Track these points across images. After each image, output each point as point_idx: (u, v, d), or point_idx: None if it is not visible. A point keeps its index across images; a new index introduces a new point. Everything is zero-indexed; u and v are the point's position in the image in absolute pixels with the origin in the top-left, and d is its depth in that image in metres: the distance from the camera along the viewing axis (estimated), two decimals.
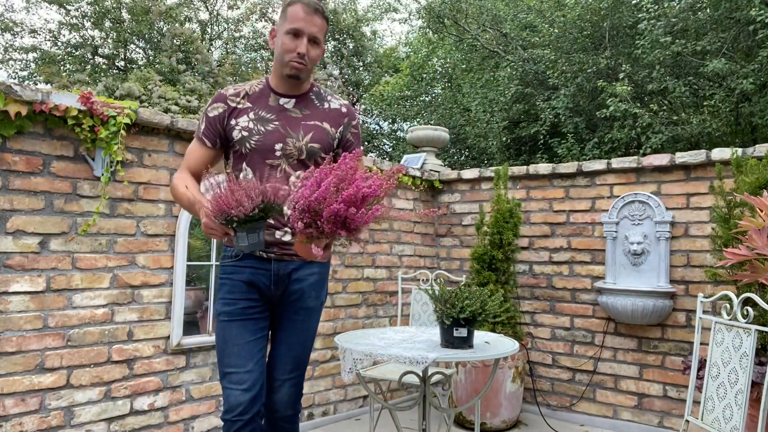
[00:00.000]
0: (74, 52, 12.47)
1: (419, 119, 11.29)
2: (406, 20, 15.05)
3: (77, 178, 2.65)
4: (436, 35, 11.58)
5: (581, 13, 7.86)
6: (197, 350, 3.09)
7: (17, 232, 2.47)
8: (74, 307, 2.64)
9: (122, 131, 2.68)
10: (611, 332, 3.84)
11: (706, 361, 2.37)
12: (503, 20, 9.60)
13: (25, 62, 12.71)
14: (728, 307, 2.26)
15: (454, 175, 4.62)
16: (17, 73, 12.64)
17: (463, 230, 4.59)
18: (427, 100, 11.88)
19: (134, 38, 12.22)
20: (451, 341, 2.12)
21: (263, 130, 1.88)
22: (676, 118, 7.35)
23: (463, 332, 2.10)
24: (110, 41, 12.30)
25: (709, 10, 6.90)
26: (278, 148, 1.87)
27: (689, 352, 3.50)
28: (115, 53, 12.51)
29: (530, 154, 8.79)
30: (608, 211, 3.81)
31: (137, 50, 12.88)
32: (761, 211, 2.23)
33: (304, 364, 2.00)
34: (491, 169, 4.40)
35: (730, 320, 2.23)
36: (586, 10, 7.83)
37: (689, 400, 2.43)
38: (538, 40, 8.59)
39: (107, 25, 11.92)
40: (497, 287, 3.80)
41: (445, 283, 2.88)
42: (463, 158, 10.89)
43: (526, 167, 4.23)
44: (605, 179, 3.93)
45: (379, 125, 13.38)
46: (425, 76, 11.94)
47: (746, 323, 2.13)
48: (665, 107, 8.10)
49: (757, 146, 3.32)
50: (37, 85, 9.99)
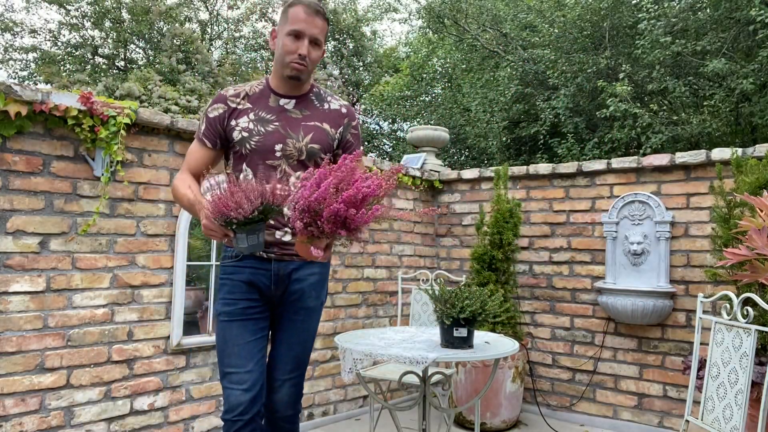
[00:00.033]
0: (74, 52, 12.47)
1: (419, 119, 11.29)
2: (406, 20, 15.05)
3: (77, 178, 2.65)
4: (436, 35, 11.57)
5: (581, 13, 7.86)
6: (197, 350, 3.09)
7: (17, 232, 2.47)
8: (74, 307, 2.64)
9: (122, 131, 2.68)
10: (611, 332, 3.84)
11: (706, 361, 2.37)
12: (503, 20, 9.60)
13: (25, 62, 12.71)
14: (728, 307, 2.26)
15: (454, 175, 4.62)
16: (17, 73, 12.65)
17: (463, 230, 4.59)
18: (427, 100, 11.88)
19: (134, 38, 12.22)
20: (451, 341, 2.12)
21: (263, 130, 1.88)
22: (676, 118, 7.35)
23: (463, 332, 2.10)
24: (110, 41, 12.30)
25: (709, 10, 6.90)
26: (278, 148, 1.88)
27: (689, 352, 3.50)
28: (115, 53, 12.51)
29: (530, 154, 8.79)
30: (608, 211, 3.81)
31: (137, 50, 12.88)
32: (761, 211, 2.23)
33: (304, 364, 2.00)
34: (491, 169, 4.40)
35: (730, 320, 2.23)
36: (586, 10, 7.82)
37: (689, 400, 2.43)
38: (538, 40, 8.59)
39: (107, 25, 11.92)
40: (497, 287, 3.81)
41: (445, 283, 2.88)
42: (463, 158, 10.89)
43: (526, 167, 4.23)
44: (605, 179, 3.93)
45: (379, 125, 13.38)
46: (425, 76, 11.94)
47: (746, 323, 2.13)
48: (665, 107, 8.10)
49: (757, 146, 3.32)
50: (37, 85, 9.99)
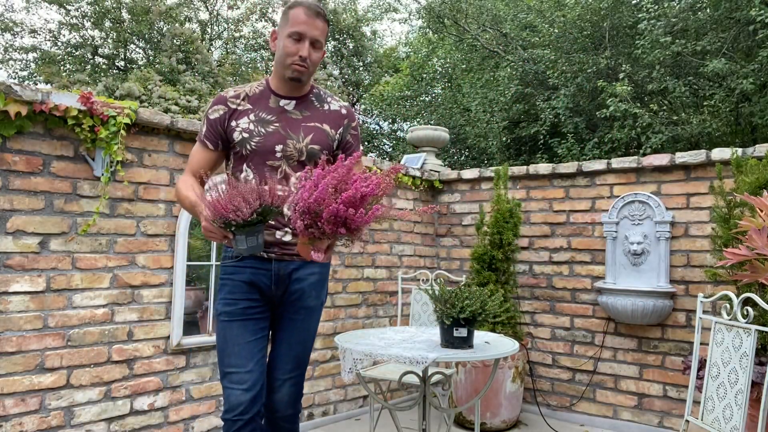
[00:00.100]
0: (74, 52, 12.47)
1: (419, 119, 11.28)
2: (406, 20, 15.07)
3: (77, 178, 2.65)
4: (436, 35, 11.57)
5: (581, 13, 7.86)
6: (197, 350, 3.09)
7: (17, 232, 2.47)
8: (74, 307, 2.64)
9: (122, 131, 2.68)
10: (611, 332, 3.84)
11: (706, 361, 2.37)
12: (503, 20, 9.60)
13: (25, 62, 12.71)
14: (728, 307, 2.26)
15: (454, 175, 4.62)
16: (17, 73, 12.65)
17: (463, 230, 4.59)
18: (427, 100, 11.87)
19: (134, 38, 12.22)
20: (451, 341, 2.12)
21: (263, 131, 1.88)
22: (676, 118, 7.35)
23: (463, 332, 2.10)
24: (110, 41, 12.30)
25: (709, 10, 6.90)
26: (278, 149, 1.88)
27: (689, 352, 3.50)
28: (115, 53, 12.51)
29: (530, 154, 8.79)
30: (608, 211, 3.81)
31: (137, 50, 12.88)
32: (761, 211, 2.23)
33: (304, 363, 2.01)
34: (491, 169, 4.40)
35: (730, 320, 2.23)
36: (586, 10, 7.82)
37: (689, 400, 2.43)
38: (538, 40, 8.58)
39: (107, 25, 11.92)
40: (497, 287, 3.81)
41: (445, 283, 2.88)
42: (463, 158, 10.89)
43: (526, 167, 4.23)
44: (605, 179, 3.93)
45: (379, 125, 13.38)
46: (425, 76, 11.94)
47: (746, 323, 2.13)
48: (665, 107, 8.10)
49: (757, 146, 3.32)
50: (37, 85, 9.99)
